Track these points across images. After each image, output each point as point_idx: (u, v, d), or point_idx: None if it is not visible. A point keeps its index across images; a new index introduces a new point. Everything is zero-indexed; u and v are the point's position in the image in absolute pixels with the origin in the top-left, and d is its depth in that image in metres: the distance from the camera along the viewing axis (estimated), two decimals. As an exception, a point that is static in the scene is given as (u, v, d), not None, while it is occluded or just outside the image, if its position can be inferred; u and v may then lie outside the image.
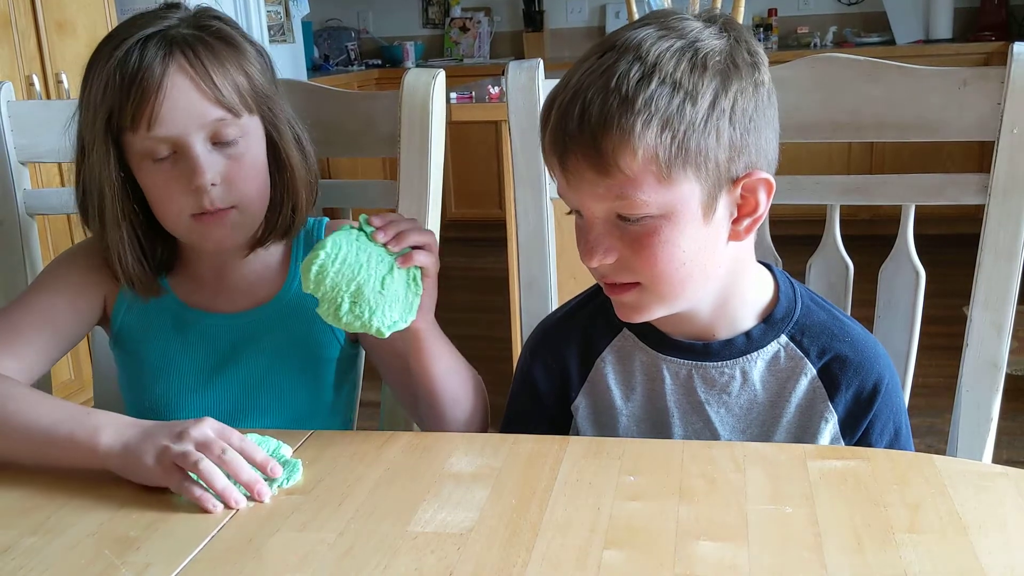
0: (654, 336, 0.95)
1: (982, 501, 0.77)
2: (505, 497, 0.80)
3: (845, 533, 0.72)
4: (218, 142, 0.99)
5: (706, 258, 0.86)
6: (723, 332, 0.93)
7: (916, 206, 1.11)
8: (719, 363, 0.93)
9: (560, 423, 1.01)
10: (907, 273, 1.12)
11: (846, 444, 0.93)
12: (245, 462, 0.84)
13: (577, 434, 1.00)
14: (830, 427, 0.93)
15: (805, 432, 0.93)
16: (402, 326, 0.93)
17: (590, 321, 0.99)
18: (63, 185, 2.49)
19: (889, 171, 1.15)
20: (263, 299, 1.10)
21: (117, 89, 0.96)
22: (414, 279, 0.93)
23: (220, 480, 0.81)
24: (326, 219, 1.16)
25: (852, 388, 0.92)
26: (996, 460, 1.04)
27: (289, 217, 1.08)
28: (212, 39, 0.99)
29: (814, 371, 0.92)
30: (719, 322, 0.93)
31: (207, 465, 0.82)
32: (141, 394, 1.09)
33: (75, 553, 0.74)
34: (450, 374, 1.02)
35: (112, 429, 0.87)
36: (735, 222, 0.86)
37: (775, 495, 0.78)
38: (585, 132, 0.81)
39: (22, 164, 1.29)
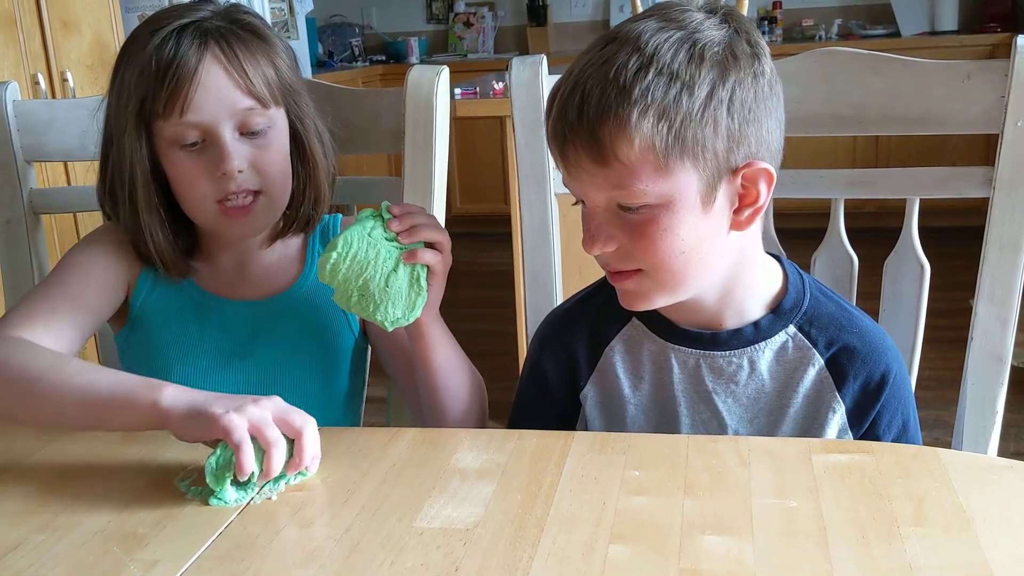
0: (663, 325, 0.96)
1: (987, 494, 0.77)
2: (511, 492, 0.80)
3: (850, 527, 0.73)
4: (246, 131, 1.02)
5: (707, 247, 0.86)
6: (731, 322, 0.94)
7: (923, 199, 1.11)
8: (727, 352, 0.93)
9: (568, 414, 1.01)
10: (912, 266, 1.12)
11: (853, 436, 0.94)
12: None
13: (585, 423, 1.00)
14: (838, 417, 0.93)
15: (813, 423, 0.94)
16: (404, 323, 0.96)
17: (599, 311, 0.99)
18: (69, 184, 2.50)
19: (894, 164, 1.15)
20: (280, 288, 1.12)
21: (152, 76, 0.99)
22: (418, 278, 0.95)
23: (280, 459, 0.82)
24: (340, 215, 1.18)
25: (860, 379, 0.92)
26: (1003, 453, 1.04)
27: (311, 209, 1.11)
28: (244, 32, 1.03)
29: (822, 361, 0.93)
30: (726, 311, 0.93)
31: (282, 446, 0.81)
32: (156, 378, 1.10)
33: (83, 550, 0.75)
34: (449, 367, 1.04)
35: (173, 388, 0.85)
36: (736, 212, 0.87)
37: (780, 489, 0.79)
38: (583, 122, 0.82)
39: (28, 163, 1.29)
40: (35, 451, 0.93)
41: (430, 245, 0.97)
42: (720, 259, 0.89)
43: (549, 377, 1.01)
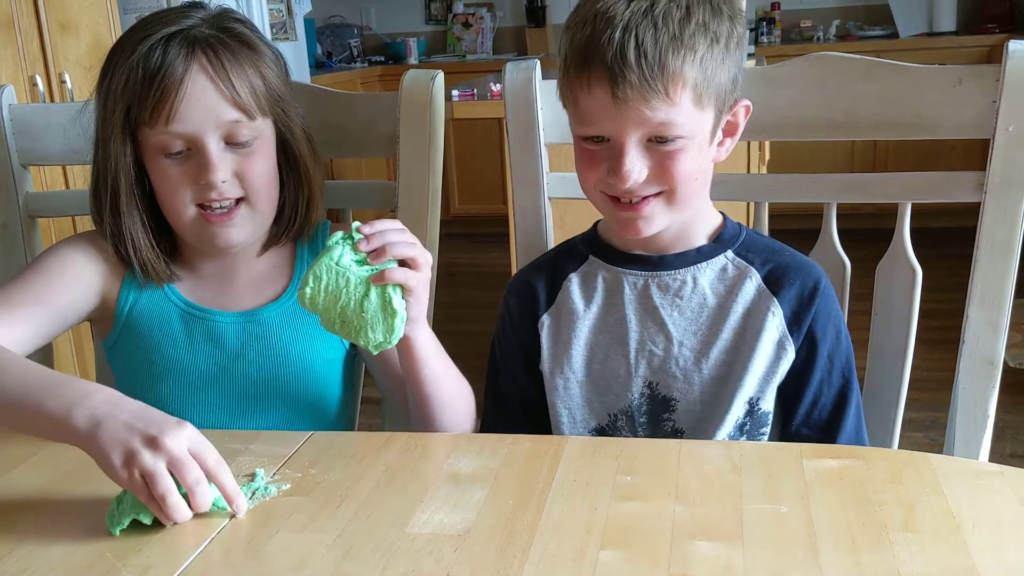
0: (616, 255, 1.07)
1: (976, 499, 0.77)
2: (502, 498, 0.81)
3: (839, 532, 0.73)
4: (231, 142, 1.02)
5: (706, 175, 1.01)
6: (677, 248, 1.05)
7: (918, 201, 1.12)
8: (672, 271, 1.05)
9: (531, 348, 1.09)
10: (904, 271, 1.12)
11: (794, 342, 1.01)
12: (209, 498, 0.80)
13: (544, 353, 1.08)
14: (776, 322, 1.01)
15: (750, 328, 1.02)
16: (387, 346, 0.94)
17: (556, 259, 1.12)
18: (66, 187, 2.50)
19: (892, 168, 1.16)
20: (269, 299, 1.12)
21: (139, 84, 0.99)
22: (390, 300, 0.92)
23: (183, 514, 0.79)
24: (328, 222, 1.18)
25: (794, 287, 1.02)
26: (999, 454, 1.04)
27: (303, 214, 1.11)
28: (232, 41, 1.02)
29: (759, 276, 1.03)
30: (678, 238, 1.05)
31: (174, 501, 0.78)
32: (146, 392, 1.10)
33: (77, 555, 0.75)
34: (438, 379, 1.03)
35: (85, 408, 0.81)
36: (720, 144, 1.01)
37: (770, 494, 0.79)
38: (643, 65, 0.91)
39: (24, 167, 1.29)
40: (29, 456, 0.94)
41: (405, 263, 0.94)
42: (707, 186, 1.03)
43: (514, 316, 1.11)
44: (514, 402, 1.11)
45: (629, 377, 1.04)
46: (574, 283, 1.08)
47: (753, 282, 1.03)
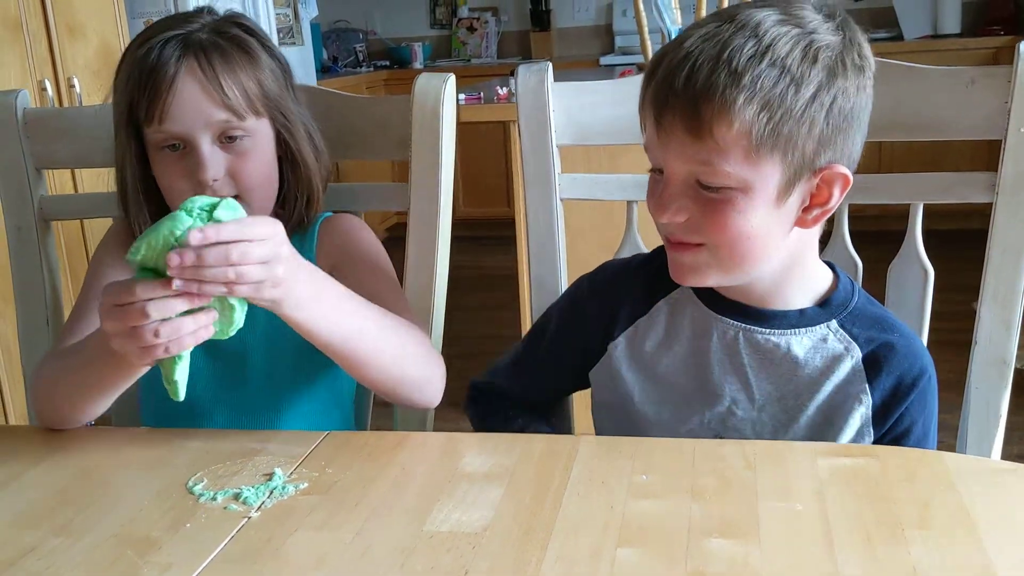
0: (710, 295, 0.98)
1: (991, 497, 0.78)
2: (519, 496, 0.81)
3: (855, 530, 0.73)
4: (225, 140, 1.04)
5: (770, 238, 0.89)
6: (776, 305, 0.96)
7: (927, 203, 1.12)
8: (767, 331, 0.95)
9: (592, 355, 1.04)
10: (916, 271, 1.12)
11: (874, 434, 0.94)
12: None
13: (610, 374, 1.02)
14: (862, 411, 0.94)
15: (836, 412, 0.95)
16: (224, 337, 0.87)
17: (651, 275, 1.02)
18: (76, 191, 2.51)
19: (898, 169, 1.16)
20: None
21: (136, 83, 1.03)
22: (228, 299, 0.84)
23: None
24: (326, 214, 1.18)
25: (894, 375, 0.94)
26: (1007, 455, 1.04)
27: (303, 210, 1.13)
28: (227, 45, 1.05)
29: (860, 355, 0.94)
30: (774, 299, 0.96)
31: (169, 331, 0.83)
32: (154, 384, 1.11)
33: (98, 553, 0.76)
34: (347, 339, 0.94)
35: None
36: (805, 210, 0.90)
37: (786, 492, 0.79)
38: (688, 94, 0.84)
39: (38, 171, 1.30)
40: (49, 454, 0.94)
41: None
42: (778, 252, 0.91)
43: (589, 315, 1.04)
44: (539, 383, 1.09)
45: (701, 428, 0.97)
46: (661, 312, 1.00)
47: (851, 362, 0.94)
